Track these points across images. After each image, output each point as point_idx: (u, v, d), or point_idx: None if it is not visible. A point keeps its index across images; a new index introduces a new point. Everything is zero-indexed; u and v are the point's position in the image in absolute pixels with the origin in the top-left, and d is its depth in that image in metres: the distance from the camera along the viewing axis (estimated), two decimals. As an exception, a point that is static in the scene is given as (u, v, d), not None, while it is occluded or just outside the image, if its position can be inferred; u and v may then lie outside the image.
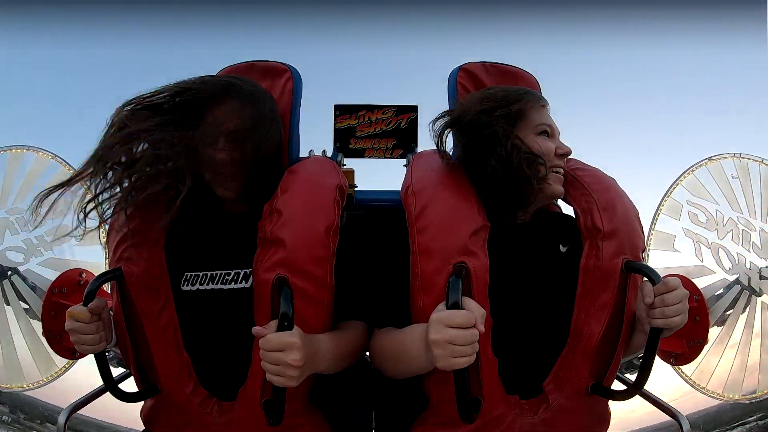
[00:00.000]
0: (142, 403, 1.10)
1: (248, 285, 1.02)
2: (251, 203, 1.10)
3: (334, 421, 1.14)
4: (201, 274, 1.06)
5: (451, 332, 0.79)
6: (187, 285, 1.06)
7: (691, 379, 1.46)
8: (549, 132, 1.09)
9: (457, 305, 0.81)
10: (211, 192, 1.10)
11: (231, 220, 1.13)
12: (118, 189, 0.98)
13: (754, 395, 1.46)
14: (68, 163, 1.57)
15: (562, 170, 1.10)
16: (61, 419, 1.14)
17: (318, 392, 1.07)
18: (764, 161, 1.55)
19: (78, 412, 1.20)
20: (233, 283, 1.05)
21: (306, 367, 0.86)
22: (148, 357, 1.01)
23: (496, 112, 1.04)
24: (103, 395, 1.20)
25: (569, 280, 1.03)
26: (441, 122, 1.10)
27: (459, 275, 0.86)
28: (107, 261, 1.16)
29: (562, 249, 1.09)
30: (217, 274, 1.06)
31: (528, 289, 1.03)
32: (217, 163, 1.04)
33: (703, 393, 1.48)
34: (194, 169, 1.00)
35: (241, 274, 1.05)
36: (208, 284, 1.05)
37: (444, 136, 1.10)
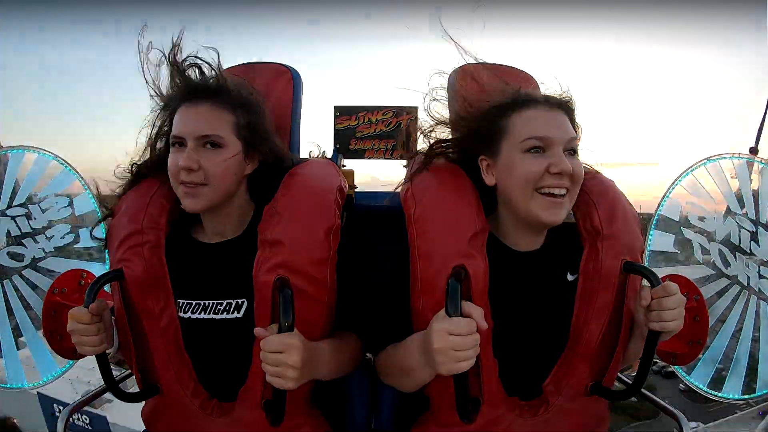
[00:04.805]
0: (144, 403, 1.10)
1: (241, 315, 1.02)
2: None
3: (334, 422, 1.14)
4: (194, 303, 1.05)
5: (453, 339, 0.79)
6: (180, 312, 1.05)
7: (690, 379, 1.46)
8: (541, 146, 0.94)
9: (456, 311, 0.81)
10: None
11: (222, 249, 1.09)
12: None
13: (753, 395, 1.46)
14: (69, 164, 1.58)
15: (561, 191, 0.93)
16: (62, 418, 1.14)
17: (318, 392, 1.07)
18: (764, 161, 1.55)
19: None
20: (225, 313, 1.03)
21: (305, 370, 0.87)
22: (149, 357, 1.02)
23: (476, 135, 1.01)
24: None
25: (570, 297, 1.01)
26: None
27: (458, 278, 0.87)
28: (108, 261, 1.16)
29: (570, 278, 1.04)
30: (210, 303, 1.04)
31: (528, 298, 1.03)
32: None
33: (703, 393, 1.48)
34: None
35: (233, 304, 1.03)
36: (200, 313, 1.04)
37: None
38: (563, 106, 0.99)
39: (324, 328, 1.01)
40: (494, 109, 1.00)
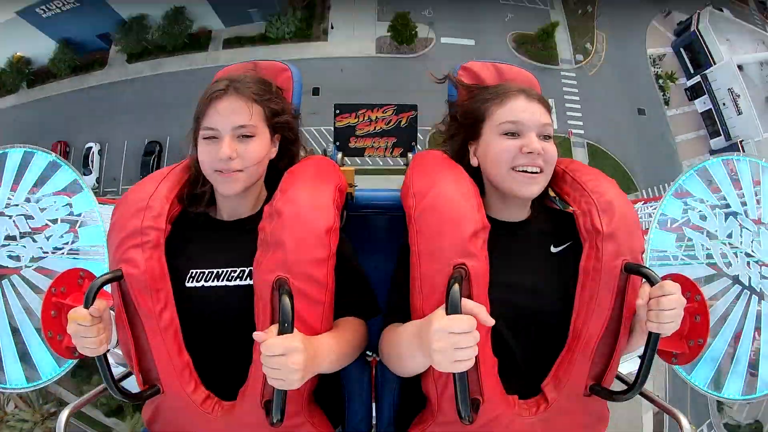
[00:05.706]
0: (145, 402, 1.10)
1: (252, 282, 1.02)
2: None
3: (334, 419, 1.14)
4: (207, 271, 1.07)
5: (453, 339, 0.79)
6: (192, 282, 1.06)
7: (690, 379, 1.46)
8: (516, 130, 1.04)
9: (457, 311, 0.81)
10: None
11: (235, 225, 1.13)
12: None
13: (754, 395, 1.46)
14: (68, 163, 1.57)
15: (534, 169, 1.04)
16: (62, 418, 1.13)
17: (319, 390, 1.07)
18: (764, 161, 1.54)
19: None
20: (239, 279, 1.06)
21: (307, 370, 0.87)
22: (149, 357, 1.01)
23: (462, 121, 1.13)
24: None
25: (564, 280, 1.03)
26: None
27: (459, 278, 0.86)
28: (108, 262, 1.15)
29: (553, 250, 1.09)
30: (223, 271, 1.06)
31: (525, 289, 1.03)
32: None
33: (703, 392, 1.48)
34: None
35: (247, 271, 1.05)
36: (213, 281, 1.06)
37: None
38: (541, 100, 1.09)
39: (323, 327, 1.01)
40: (479, 99, 1.11)
